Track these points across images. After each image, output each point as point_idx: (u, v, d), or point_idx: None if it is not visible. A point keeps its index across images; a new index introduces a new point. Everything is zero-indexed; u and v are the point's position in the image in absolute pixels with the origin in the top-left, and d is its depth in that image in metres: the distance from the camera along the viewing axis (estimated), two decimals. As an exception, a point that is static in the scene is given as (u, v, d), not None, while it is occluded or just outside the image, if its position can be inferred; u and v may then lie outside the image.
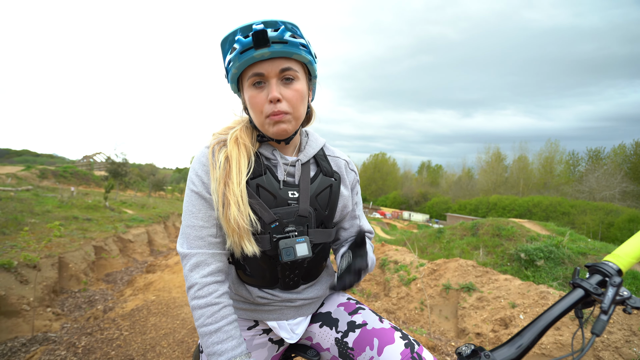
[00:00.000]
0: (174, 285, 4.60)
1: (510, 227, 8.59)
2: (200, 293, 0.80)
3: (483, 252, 7.88)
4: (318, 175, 0.95)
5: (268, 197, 0.87)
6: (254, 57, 0.78)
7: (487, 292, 4.34)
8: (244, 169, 0.84)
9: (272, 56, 0.79)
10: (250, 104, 0.84)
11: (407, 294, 5.07)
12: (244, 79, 0.84)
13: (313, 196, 0.92)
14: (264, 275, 0.92)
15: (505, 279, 4.49)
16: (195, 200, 0.85)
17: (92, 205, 10.09)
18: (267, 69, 0.80)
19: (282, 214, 0.87)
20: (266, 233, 0.86)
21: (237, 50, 0.78)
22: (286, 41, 0.78)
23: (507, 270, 6.51)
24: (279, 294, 0.95)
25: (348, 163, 1.05)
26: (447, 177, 78.10)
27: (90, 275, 5.16)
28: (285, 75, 0.81)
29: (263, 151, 0.92)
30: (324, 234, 0.95)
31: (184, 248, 0.84)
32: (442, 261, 5.49)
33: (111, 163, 17.81)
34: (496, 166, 61.76)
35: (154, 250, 8.15)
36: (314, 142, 0.99)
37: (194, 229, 0.84)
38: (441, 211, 52.59)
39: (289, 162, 0.93)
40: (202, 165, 0.87)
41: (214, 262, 0.83)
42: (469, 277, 4.80)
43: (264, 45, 0.77)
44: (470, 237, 9.06)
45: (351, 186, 1.04)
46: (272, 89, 0.80)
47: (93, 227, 6.98)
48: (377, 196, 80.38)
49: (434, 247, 9.50)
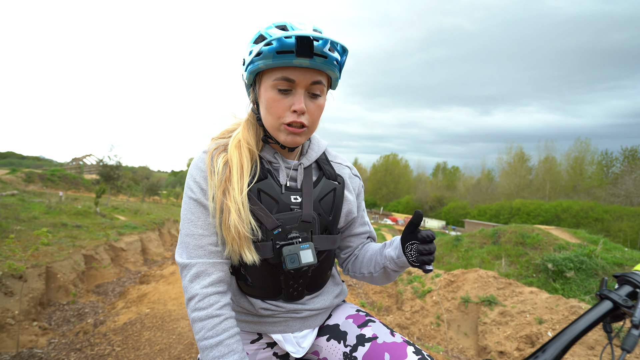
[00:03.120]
0: (170, 297, 4.63)
1: (536, 234, 8.49)
2: (200, 304, 0.81)
3: (505, 262, 7.80)
4: (321, 178, 0.97)
5: (270, 202, 0.89)
6: (292, 63, 0.79)
7: (510, 306, 4.29)
8: (246, 175, 0.86)
9: (309, 67, 0.81)
10: (268, 106, 0.85)
11: (422, 308, 5.04)
12: (266, 76, 0.84)
13: (316, 200, 0.94)
14: (266, 285, 0.94)
15: (531, 292, 4.44)
16: (194, 208, 0.87)
17: (82, 211, 10.22)
18: (299, 77, 0.81)
19: (284, 220, 0.89)
20: (268, 240, 0.88)
21: (274, 47, 0.78)
22: (326, 55, 0.80)
23: (532, 282, 6.43)
24: (284, 304, 0.96)
25: (351, 169, 1.07)
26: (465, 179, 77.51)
27: (79, 287, 5.22)
28: (314, 90, 0.84)
29: (265, 154, 0.94)
30: (329, 240, 0.97)
31: (183, 258, 0.86)
32: (460, 272, 5.46)
33: (103, 166, 18.05)
34: (519, 167, 61.12)
35: (148, 260, 8.20)
36: (316, 145, 1.02)
37: (193, 238, 0.86)
38: (458, 217, 52.13)
39: (291, 166, 0.95)
40: (200, 171, 0.88)
41: (215, 272, 0.85)
42: (490, 290, 4.75)
43: (307, 55, 0.78)
44: (491, 246, 8.97)
45: (356, 192, 1.06)
46: (299, 100, 0.83)
47: (83, 235, 7.06)
48: (389, 201, 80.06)
49: (450, 256, 9.43)
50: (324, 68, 0.82)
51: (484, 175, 72.36)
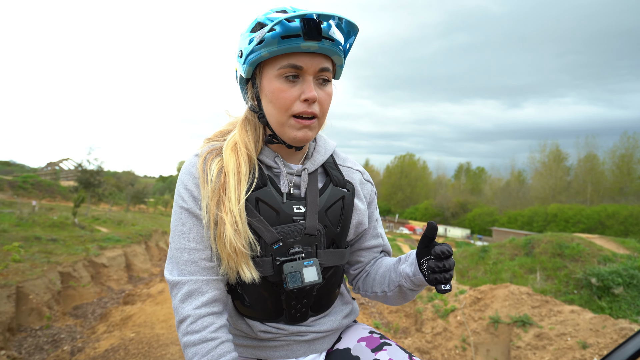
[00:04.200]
0: (158, 320, 4.63)
1: (576, 244, 8.45)
2: (193, 327, 0.82)
3: (541, 277, 7.76)
4: (328, 185, 0.98)
5: (269, 212, 0.90)
6: (299, 48, 0.80)
7: (548, 328, 4.25)
8: (244, 183, 0.88)
9: (318, 52, 0.83)
10: (274, 98, 0.86)
11: (445, 329, 5.01)
12: (269, 66, 0.86)
13: (322, 210, 0.95)
14: (265, 305, 0.94)
15: (572, 311, 4.41)
16: (186, 219, 0.88)
17: (58, 222, 10.32)
18: (307, 63, 0.83)
19: (286, 233, 0.89)
20: (267, 255, 0.89)
21: (277, 32, 0.79)
22: (333, 39, 0.82)
23: (573, 300, 6.39)
24: (286, 327, 0.97)
25: (362, 174, 1.09)
26: (492, 182, 77.34)
27: (55, 309, 5.23)
28: (322, 76, 0.86)
29: (263, 158, 0.95)
30: (336, 255, 0.97)
31: (173, 275, 0.86)
32: (488, 287, 5.44)
33: (82, 171, 18.27)
34: (555, 168, 60.82)
35: (133, 277, 8.25)
36: (323, 147, 1.03)
37: (184, 252, 0.86)
38: (485, 225, 52.04)
39: (293, 172, 0.96)
40: (191, 177, 0.89)
41: (209, 290, 0.85)
42: (523, 308, 4.71)
43: (315, 38, 0.79)
44: (523, 258, 8.94)
45: (368, 200, 1.08)
46: (309, 87, 0.84)
47: (59, 249, 7.11)
48: (405, 207, 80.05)
49: (477, 269, 9.42)
50: (331, 53, 0.84)
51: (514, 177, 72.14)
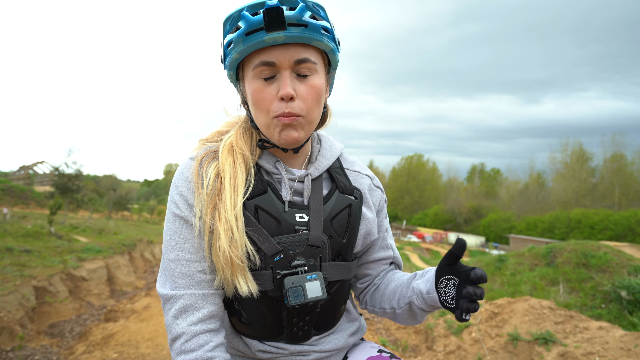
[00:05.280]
0: (143, 338, 4.62)
1: (603, 253, 8.42)
2: (188, 346, 0.82)
3: (564, 289, 7.74)
4: (333, 192, 0.99)
5: (270, 222, 0.91)
6: (264, 42, 0.81)
7: (573, 346, 4.23)
8: (240, 187, 0.88)
9: (287, 41, 0.82)
10: (253, 100, 0.87)
11: (459, 347, 4.99)
12: (246, 67, 0.88)
13: (327, 220, 0.94)
14: (265, 323, 0.94)
15: (600, 328, 4.39)
16: (180, 227, 0.89)
17: (33, 231, 10.30)
18: (280, 57, 0.83)
19: (287, 244, 0.90)
20: (267, 268, 0.89)
21: (242, 30, 0.81)
22: (306, 24, 0.81)
23: (601, 315, 6.35)
24: (287, 346, 0.97)
25: (372, 179, 1.10)
26: (509, 185, 77.46)
27: (28, 327, 5.21)
28: (301, 68, 0.86)
29: (263, 163, 0.97)
30: (342, 268, 0.97)
31: (166, 289, 0.87)
32: (506, 301, 5.41)
33: (58, 175, 18.26)
34: (578, 169, 60.90)
35: (115, 291, 8.22)
36: (328, 150, 1.04)
37: (179, 264, 0.87)
38: (502, 232, 52.05)
39: (296, 177, 0.96)
40: (186, 182, 0.90)
41: (205, 306, 0.86)
42: (545, 324, 4.70)
43: (279, 27, 0.79)
44: (544, 268, 8.93)
45: (377, 208, 1.08)
46: (284, 83, 0.84)
47: (33, 262, 7.09)
48: (413, 213, 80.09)
49: (493, 281, 9.40)
50: (306, 39, 0.83)
51: (533, 179, 72.26)
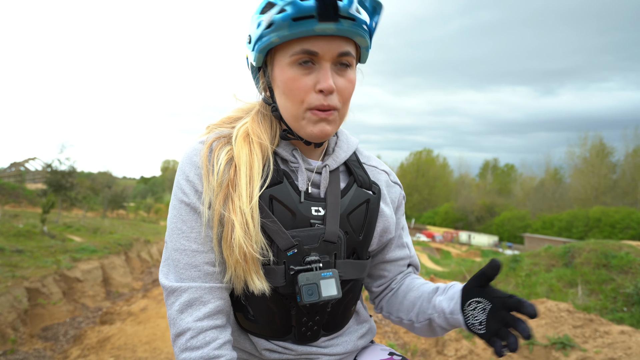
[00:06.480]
0: (140, 341, 4.63)
1: (625, 253, 8.38)
2: (193, 342, 0.81)
3: (583, 291, 7.71)
4: (351, 186, 0.99)
5: (284, 213, 0.90)
6: (314, 31, 0.80)
7: (593, 352, 4.20)
8: (257, 178, 0.87)
9: (336, 34, 0.82)
10: (286, 88, 0.86)
11: (471, 352, 4.98)
12: (280, 52, 0.86)
13: (344, 215, 0.94)
14: (272, 321, 0.94)
15: (622, 332, 4.36)
16: (187, 215, 0.87)
17: (24, 231, 10.37)
18: (324, 48, 0.83)
19: (302, 238, 0.89)
20: (280, 263, 0.89)
21: (289, 13, 0.79)
22: (354, 18, 0.81)
23: (623, 319, 6.32)
24: (294, 346, 0.97)
25: (389, 175, 1.10)
26: (523, 181, 77.18)
27: (21, 330, 5.24)
28: (342, 61, 0.86)
29: (280, 150, 0.96)
30: (356, 267, 0.97)
31: (170, 280, 0.86)
32: (523, 305, 5.38)
33: (51, 172, 18.32)
34: (598, 164, 60.49)
35: (111, 292, 8.26)
36: (345, 143, 1.04)
37: (184, 254, 0.86)
38: (516, 231, 51.93)
39: (313, 168, 0.96)
40: (194, 167, 0.89)
41: (212, 300, 0.85)
42: (563, 328, 4.68)
43: (332, 19, 0.79)
44: (561, 269, 8.91)
45: (395, 205, 1.08)
46: (326, 76, 0.83)
47: (26, 262, 7.13)
48: (422, 211, 79.99)
49: (507, 282, 9.37)
50: (352, 34, 0.83)
51: (550, 175, 71.91)
